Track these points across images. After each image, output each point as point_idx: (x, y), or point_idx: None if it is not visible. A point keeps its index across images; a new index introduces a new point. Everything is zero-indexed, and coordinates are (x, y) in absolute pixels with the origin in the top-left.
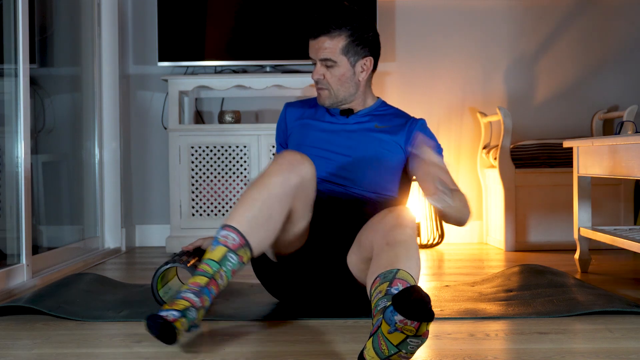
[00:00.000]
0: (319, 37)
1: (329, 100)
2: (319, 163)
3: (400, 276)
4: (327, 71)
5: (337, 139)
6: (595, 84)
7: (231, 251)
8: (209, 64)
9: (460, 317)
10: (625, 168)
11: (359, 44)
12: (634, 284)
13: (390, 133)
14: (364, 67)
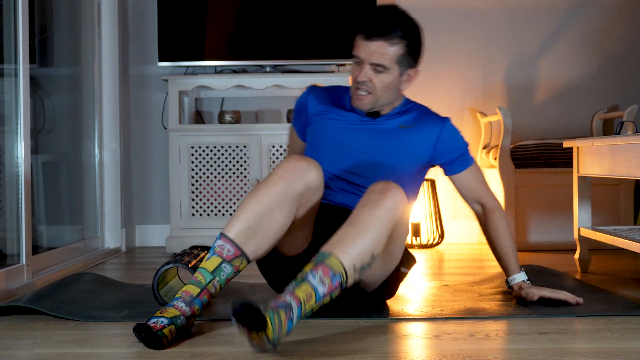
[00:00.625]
0: (376, 39)
1: (368, 106)
2: (334, 159)
3: (328, 262)
4: (375, 75)
5: (359, 138)
6: (595, 84)
7: (226, 262)
8: (209, 64)
9: (460, 317)
10: (625, 168)
11: (412, 55)
12: (634, 284)
13: (415, 133)
14: (409, 76)
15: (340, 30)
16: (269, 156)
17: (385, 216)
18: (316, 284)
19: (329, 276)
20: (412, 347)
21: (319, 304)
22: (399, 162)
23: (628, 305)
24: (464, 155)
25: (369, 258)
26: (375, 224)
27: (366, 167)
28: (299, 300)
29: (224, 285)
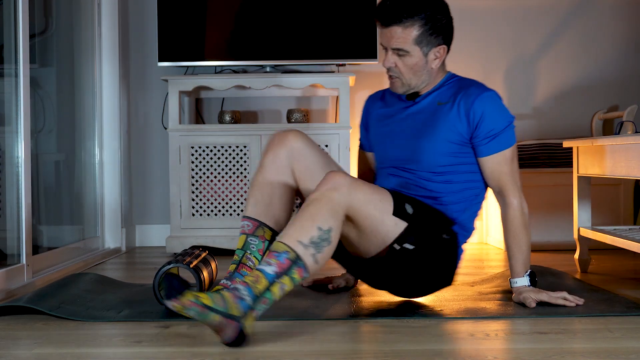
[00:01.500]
0: (390, 25)
1: (402, 89)
2: (386, 150)
3: (271, 248)
4: (398, 60)
5: (400, 122)
6: (595, 84)
7: (250, 235)
8: (209, 64)
9: (460, 317)
10: (625, 168)
11: (432, 33)
12: (634, 284)
13: (449, 109)
14: (437, 54)
15: (340, 30)
16: None
17: (320, 195)
18: (262, 267)
19: (274, 257)
20: (412, 347)
21: (281, 285)
22: (434, 140)
23: (628, 305)
24: (493, 138)
25: (315, 231)
26: (312, 204)
27: (408, 149)
28: (245, 283)
29: (260, 257)
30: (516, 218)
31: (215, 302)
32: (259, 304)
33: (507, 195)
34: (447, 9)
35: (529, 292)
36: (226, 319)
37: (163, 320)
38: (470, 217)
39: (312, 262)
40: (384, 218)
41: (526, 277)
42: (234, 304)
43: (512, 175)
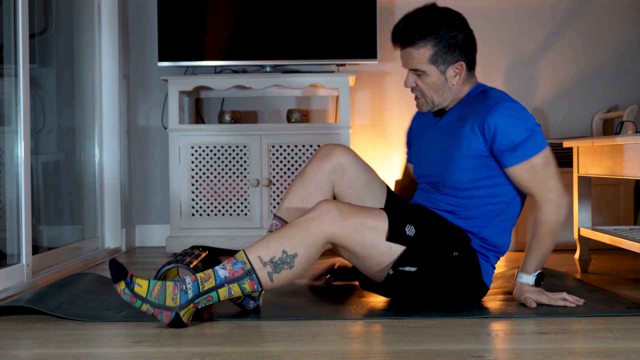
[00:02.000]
0: (405, 47)
1: (426, 107)
2: (419, 166)
3: (234, 256)
4: (418, 79)
5: (432, 142)
6: (595, 84)
7: None
8: (209, 64)
9: (460, 317)
10: (625, 168)
11: (447, 51)
12: (634, 284)
13: (467, 123)
14: (456, 71)
15: (340, 30)
16: (269, 156)
17: (299, 221)
18: (217, 269)
19: (230, 263)
20: (412, 347)
21: (229, 289)
22: (454, 156)
23: (628, 305)
24: (515, 149)
25: (279, 253)
26: (289, 227)
27: (434, 166)
28: (196, 278)
29: None
30: (544, 224)
31: (151, 293)
32: (202, 300)
33: (537, 200)
34: (463, 23)
35: (531, 292)
36: (158, 309)
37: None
38: (495, 232)
39: (267, 279)
40: (376, 244)
41: (532, 277)
42: (173, 295)
43: (544, 181)
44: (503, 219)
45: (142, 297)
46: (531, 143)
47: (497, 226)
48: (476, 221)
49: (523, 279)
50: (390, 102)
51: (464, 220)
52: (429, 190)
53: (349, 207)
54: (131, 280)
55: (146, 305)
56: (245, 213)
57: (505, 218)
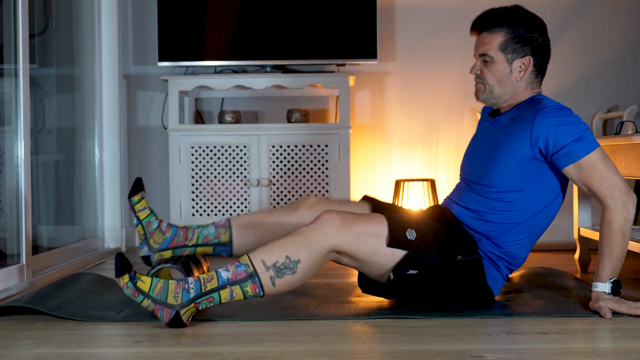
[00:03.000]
0: (481, 33)
1: (483, 95)
2: (464, 165)
3: (239, 259)
4: (484, 67)
5: (481, 140)
6: (595, 84)
7: (213, 225)
8: (209, 64)
9: (460, 317)
10: (625, 168)
11: (518, 42)
12: (634, 284)
13: (517, 125)
14: (522, 66)
15: (340, 30)
16: (269, 156)
17: (304, 230)
18: (220, 270)
19: (234, 266)
20: (412, 347)
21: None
22: (498, 153)
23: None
24: (566, 149)
25: (282, 258)
26: (293, 235)
27: (475, 162)
28: (199, 278)
29: (201, 242)
30: (612, 223)
31: (153, 289)
32: (203, 300)
33: (602, 199)
34: (543, 29)
35: (608, 300)
36: (159, 305)
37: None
38: (513, 243)
39: (269, 284)
40: (379, 250)
41: (608, 284)
42: (175, 293)
43: (605, 178)
44: (524, 231)
45: (144, 292)
46: (583, 142)
47: (516, 236)
48: (495, 225)
49: (599, 288)
50: (390, 102)
51: (486, 223)
52: (462, 187)
53: (350, 216)
54: (134, 275)
55: (147, 300)
56: (245, 213)
57: (526, 230)
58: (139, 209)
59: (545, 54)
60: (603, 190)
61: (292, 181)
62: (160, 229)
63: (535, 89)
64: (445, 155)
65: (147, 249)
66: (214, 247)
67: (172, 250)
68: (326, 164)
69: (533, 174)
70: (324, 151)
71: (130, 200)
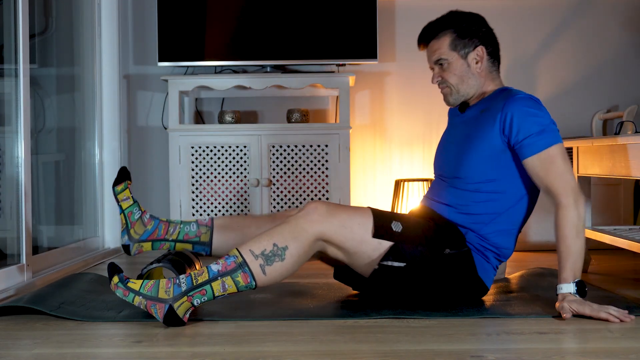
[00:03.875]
0: (429, 42)
1: (452, 97)
2: (436, 162)
3: (228, 252)
4: (443, 72)
5: (451, 137)
6: (595, 84)
7: (195, 222)
8: (209, 64)
9: (460, 316)
10: (625, 168)
11: (465, 36)
12: (634, 284)
13: (486, 116)
14: (477, 57)
15: (340, 30)
16: (269, 156)
17: (290, 219)
18: (210, 265)
19: (223, 258)
20: (412, 347)
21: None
22: (470, 146)
23: (628, 305)
24: (529, 139)
25: (270, 246)
26: (280, 225)
27: (445, 160)
28: (190, 274)
29: (182, 239)
30: (566, 219)
31: (144, 287)
32: (196, 293)
33: (556, 195)
34: (482, 21)
35: (572, 302)
36: (151, 301)
37: None
38: (497, 233)
39: (260, 272)
40: (364, 239)
41: (573, 285)
42: (166, 288)
43: (563, 174)
44: (506, 220)
45: (135, 290)
46: (547, 135)
47: (499, 226)
48: (478, 217)
49: (563, 290)
50: (390, 102)
51: (466, 215)
52: (438, 185)
53: (335, 205)
54: (126, 279)
55: (139, 297)
56: (245, 213)
57: (508, 220)
58: (122, 198)
59: (494, 42)
60: (558, 186)
61: (292, 181)
62: (142, 220)
63: (496, 78)
64: None
65: (127, 238)
66: (193, 244)
67: (152, 242)
68: (326, 164)
69: (505, 163)
70: (324, 151)
71: (114, 190)
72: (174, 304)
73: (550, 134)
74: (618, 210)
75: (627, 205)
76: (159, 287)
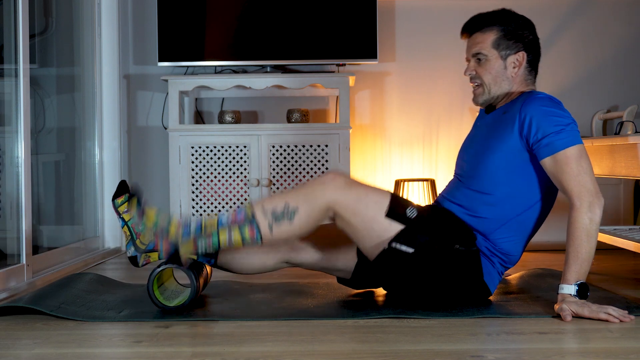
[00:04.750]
0: (473, 34)
1: (482, 98)
2: (458, 161)
3: (241, 205)
4: (478, 67)
5: (474, 137)
6: (595, 84)
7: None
8: (209, 64)
9: (460, 316)
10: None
11: (510, 38)
12: (634, 284)
13: (507, 117)
14: (516, 62)
15: (340, 30)
16: (269, 156)
17: (309, 184)
18: (220, 214)
19: (234, 211)
20: (412, 347)
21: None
22: (489, 146)
23: (628, 305)
24: (548, 139)
25: (281, 205)
26: (296, 188)
27: (468, 156)
28: (200, 220)
29: None
30: (578, 223)
31: (159, 217)
32: (202, 238)
33: (569, 197)
34: (532, 27)
35: (572, 303)
36: (159, 234)
37: (163, 320)
38: (506, 239)
39: (267, 229)
40: (376, 217)
41: (574, 287)
42: (176, 227)
43: (577, 176)
44: (516, 226)
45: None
46: (566, 135)
47: (509, 232)
48: (489, 222)
49: (564, 290)
50: (390, 102)
51: (478, 219)
52: (455, 184)
53: (355, 180)
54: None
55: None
56: None
57: (518, 226)
58: (122, 210)
59: (537, 51)
60: (572, 188)
61: (292, 181)
62: None
63: (530, 85)
64: (445, 155)
65: (134, 250)
66: (198, 255)
67: (159, 252)
68: (326, 164)
69: (522, 166)
70: (324, 151)
71: (114, 203)
72: (180, 244)
73: (569, 134)
74: (618, 210)
75: (627, 205)
76: (171, 223)
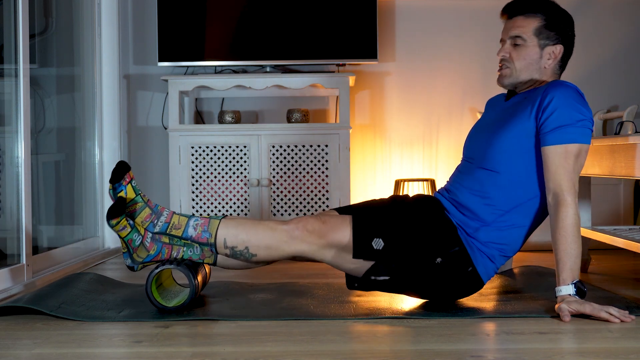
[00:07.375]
0: (514, 17)
1: (508, 80)
2: (466, 145)
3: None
4: (513, 50)
5: (491, 117)
6: (595, 84)
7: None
8: (209, 64)
9: (460, 316)
10: (625, 168)
11: (552, 29)
12: (634, 284)
13: (525, 102)
14: (552, 54)
15: (340, 30)
16: (268, 156)
17: (278, 233)
18: (191, 224)
19: (202, 228)
20: (412, 347)
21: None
22: (501, 129)
23: (628, 305)
24: (559, 129)
25: (242, 248)
26: (265, 229)
27: (477, 142)
28: (171, 217)
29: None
30: (569, 217)
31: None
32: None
33: (560, 191)
34: (571, 22)
35: (572, 303)
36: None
37: (163, 320)
38: (508, 226)
39: (223, 258)
40: (345, 259)
41: (571, 286)
42: (143, 220)
43: (572, 174)
44: (524, 212)
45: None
46: (577, 130)
47: (517, 217)
48: (499, 204)
49: (562, 292)
50: (390, 102)
51: (487, 202)
52: (464, 168)
53: (320, 226)
54: None
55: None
56: (245, 213)
57: (521, 214)
58: (118, 229)
59: (572, 48)
60: (564, 183)
61: (292, 181)
62: (144, 245)
63: (559, 77)
64: (445, 155)
65: (131, 261)
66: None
67: (156, 263)
68: (326, 164)
69: (532, 152)
70: (324, 151)
71: (109, 223)
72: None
73: (580, 131)
74: (618, 210)
75: (627, 205)
76: (141, 214)
